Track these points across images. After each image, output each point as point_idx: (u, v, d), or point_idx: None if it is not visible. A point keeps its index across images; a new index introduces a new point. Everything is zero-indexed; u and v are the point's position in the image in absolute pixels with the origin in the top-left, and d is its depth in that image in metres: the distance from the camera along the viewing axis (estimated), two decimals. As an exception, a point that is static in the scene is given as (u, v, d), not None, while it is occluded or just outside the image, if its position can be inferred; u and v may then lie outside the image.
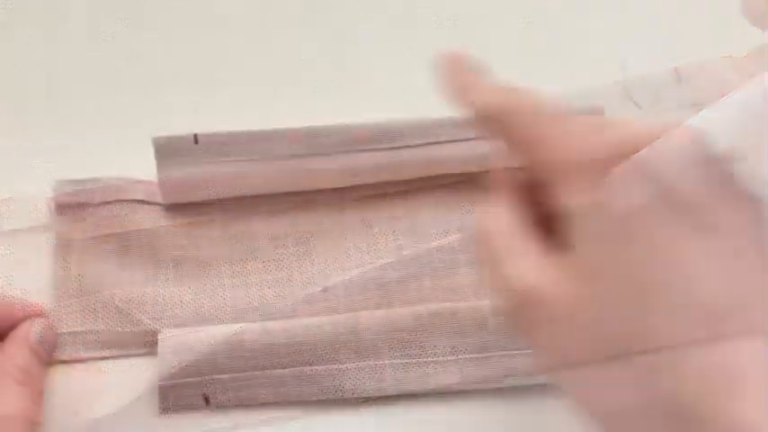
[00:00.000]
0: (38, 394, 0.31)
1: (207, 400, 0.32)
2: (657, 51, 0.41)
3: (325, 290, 0.34)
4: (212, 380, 0.32)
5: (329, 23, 0.42)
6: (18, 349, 0.31)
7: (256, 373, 0.32)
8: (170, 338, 0.33)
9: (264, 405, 0.32)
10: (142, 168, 0.36)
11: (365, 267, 0.35)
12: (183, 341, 0.33)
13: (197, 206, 0.36)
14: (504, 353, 0.33)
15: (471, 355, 0.33)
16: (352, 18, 0.42)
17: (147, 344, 0.33)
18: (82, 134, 0.38)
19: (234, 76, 0.41)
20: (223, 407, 0.32)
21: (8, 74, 0.40)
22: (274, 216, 0.36)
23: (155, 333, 0.33)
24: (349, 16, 0.42)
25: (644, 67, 0.40)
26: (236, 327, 0.33)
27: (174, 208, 0.36)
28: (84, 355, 0.33)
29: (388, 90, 0.40)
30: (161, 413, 0.32)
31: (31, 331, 0.31)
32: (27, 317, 0.32)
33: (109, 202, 0.36)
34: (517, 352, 0.32)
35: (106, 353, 0.33)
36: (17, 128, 0.39)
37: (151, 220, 0.36)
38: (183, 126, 0.35)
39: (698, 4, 0.42)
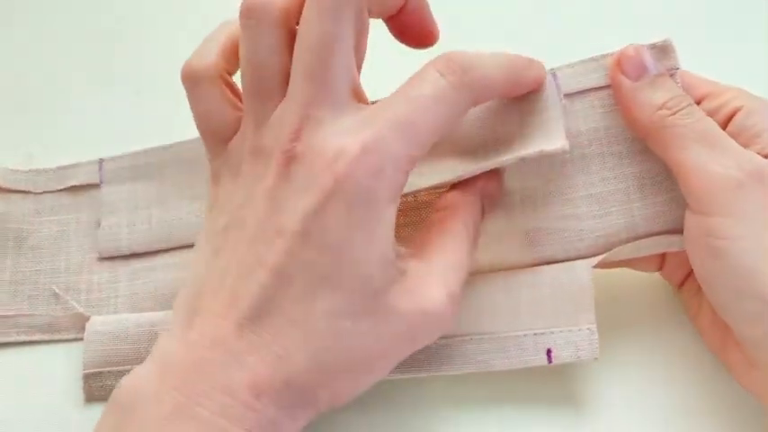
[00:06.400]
0: None
1: (131, 390, 0.31)
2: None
3: None
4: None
5: None
6: None
7: None
8: (97, 326, 0.32)
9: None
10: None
11: None
12: (109, 330, 0.32)
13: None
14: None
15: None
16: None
17: (81, 329, 0.32)
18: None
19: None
20: (149, 398, 0.31)
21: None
22: None
23: (87, 319, 0.32)
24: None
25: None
26: (165, 315, 0.31)
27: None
28: (16, 338, 0.33)
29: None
30: (87, 401, 0.31)
31: None
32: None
33: (51, 191, 0.35)
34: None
35: (38, 337, 0.33)
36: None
37: (90, 205, 0.35)
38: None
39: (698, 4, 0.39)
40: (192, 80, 0.27)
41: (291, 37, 0.26)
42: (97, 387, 0.31)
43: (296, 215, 0.24)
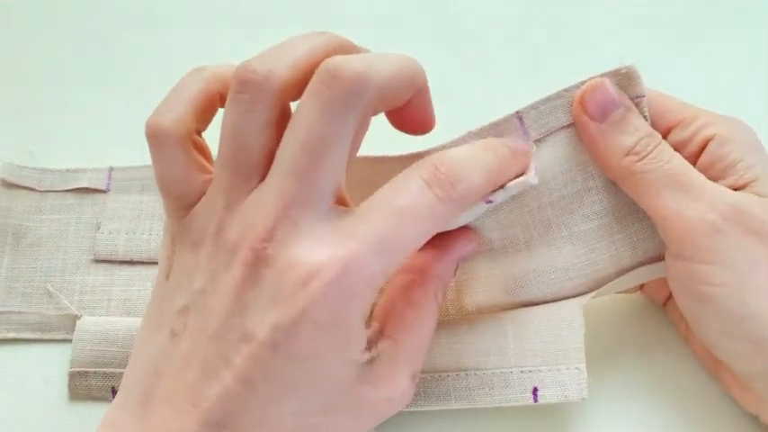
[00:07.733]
0: None
1: (115, 393, 0.32)
2: (655, 48, 0.39)
3: None
4: (122, 373, 0.32)
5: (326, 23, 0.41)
6: None
7: None
8: (87, 326, 0.33)
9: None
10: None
11: None
12: (99, 330, 0.33)
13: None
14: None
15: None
16: (347, 17, 0.41)
17: (71, 330, 0.33)
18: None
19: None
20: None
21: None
22: None
23: (78, 319, 0.33)
24: (342, 15, 0.41)
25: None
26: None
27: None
28: (6, 335, 0.33)
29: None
30: (70, 399, 0.32)
31: None
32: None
33: (55, 191, 0.36)
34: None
35: (28, 335, 0.33)
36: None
37: (92, 207, 0.35)
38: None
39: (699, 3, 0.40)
40: (156, 139, 0.25)
41: (284, 117, 0.24)
42: (82, 386, 0.32)
43: (263, 326, 0.23)
